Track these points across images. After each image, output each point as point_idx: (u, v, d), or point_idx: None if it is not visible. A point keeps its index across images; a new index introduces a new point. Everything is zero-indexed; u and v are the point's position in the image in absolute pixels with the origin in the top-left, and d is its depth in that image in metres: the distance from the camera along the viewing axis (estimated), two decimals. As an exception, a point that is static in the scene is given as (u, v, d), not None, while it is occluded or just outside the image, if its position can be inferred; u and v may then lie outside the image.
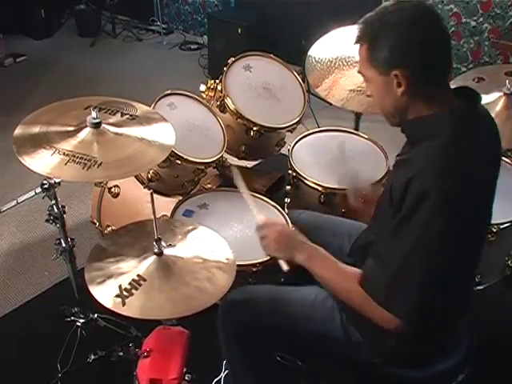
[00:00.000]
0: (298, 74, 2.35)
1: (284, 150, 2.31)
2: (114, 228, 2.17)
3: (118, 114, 1.61)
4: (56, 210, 1.71)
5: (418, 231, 1.18)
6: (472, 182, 1.21)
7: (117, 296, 1.34)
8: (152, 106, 1.92)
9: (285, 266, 1.41)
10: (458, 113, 1.24)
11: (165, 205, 1.95)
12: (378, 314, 1.26)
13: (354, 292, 1.30)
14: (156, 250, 1.45)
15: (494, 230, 1.87)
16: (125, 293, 1.35)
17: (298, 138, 2.25)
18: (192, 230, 1.60)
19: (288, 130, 2.23)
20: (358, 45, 1.29)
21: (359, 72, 1.33)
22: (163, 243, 1.46)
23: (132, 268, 1.43)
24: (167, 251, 1.47)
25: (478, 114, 1.29)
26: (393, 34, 1.21)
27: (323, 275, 1.38)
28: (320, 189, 1.99)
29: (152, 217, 1.45)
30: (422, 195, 1.17)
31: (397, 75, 1.22)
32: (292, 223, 1.81)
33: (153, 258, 1.45)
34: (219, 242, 1.56)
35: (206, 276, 1.42)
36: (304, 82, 2.42)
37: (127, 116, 1.61)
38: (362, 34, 1.27)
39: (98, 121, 1.51)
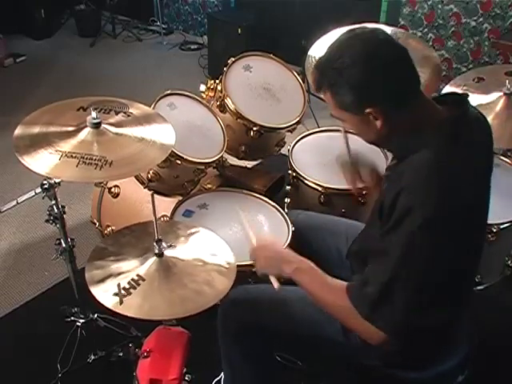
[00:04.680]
0: (298, 74, 2.35)
1: (284, 150, 2.31)
2: (113, 228, 2.17)
3: (112, 112, 1.62)
4: (56, 210, 1.71)
5: (402, 247, 1.16)
6: (459, 195, 1.17)
7: (115, 294, 1.35)
8: (152, 106, 1.92)
9: (275, 283, 1.39)
10: (445, 124, 1.22)
11: (165, 205, 1.95)
12: (363, 327, 1.24)
13: (340, 306, 1.28)
14: (156, 251, 1.45)
15: (494, 230, 1.87)
16: (123, 292, 1.35)
17: (298, 138, 2.25)
18: (195, 232, 1.60)
19: (288, 130, 2.22)
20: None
21: (333, 116, 1.30)
22: (164, 244, 1.46)
23: (132, 268, 1.43)
24: (168, 252, 1.47)
25: (469, 120, 1.27)
26: (349, 77, 1.19)
27: (309, 288, 1.36)
28: (320, 189, 1.99)
29: (152, 217, 1.45)
30: (406, 211, 1.15)
31: (370, 112, 1.21)
32: (291, 223, 1.81)
33: (153, 258, 1.45)
34: (221, 246, 1.55)
35: (204, 279, 1.42)
36: (304, 82, 2.42)
37: (121, 114, 1.62)
38: (321, 83, 1.25)
39: (98, 121, 1.51)
